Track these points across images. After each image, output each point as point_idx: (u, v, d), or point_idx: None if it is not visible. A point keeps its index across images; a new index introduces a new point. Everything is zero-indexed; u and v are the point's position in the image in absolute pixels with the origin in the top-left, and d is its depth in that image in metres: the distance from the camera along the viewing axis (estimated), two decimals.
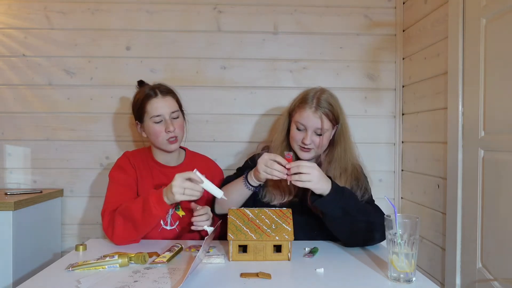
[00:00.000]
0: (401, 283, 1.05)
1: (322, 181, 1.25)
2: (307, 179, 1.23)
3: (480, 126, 1.40)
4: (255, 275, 1.08)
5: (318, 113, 1.40)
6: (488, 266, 1.35)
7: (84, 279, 1.04)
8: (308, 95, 1.44)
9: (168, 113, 1.47)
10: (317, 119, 1.40)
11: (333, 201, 1.26)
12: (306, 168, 1.23)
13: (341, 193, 1.28)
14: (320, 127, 1.40)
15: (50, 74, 1.98)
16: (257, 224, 1.23)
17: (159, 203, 1.27)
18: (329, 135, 1.45)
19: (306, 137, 1.41)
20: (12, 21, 1.96)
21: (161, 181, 1.54)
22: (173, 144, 1.49)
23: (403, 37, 2.02)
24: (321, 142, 1.42)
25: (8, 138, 1.97)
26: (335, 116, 1.43)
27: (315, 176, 1.23)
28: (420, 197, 1.84)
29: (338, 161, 1.45)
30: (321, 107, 1.40)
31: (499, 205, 1.30)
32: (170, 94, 1.51)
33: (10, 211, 1.59)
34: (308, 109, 1.40)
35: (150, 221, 1.31)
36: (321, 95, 1.43)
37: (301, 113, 1.42)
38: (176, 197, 1.23)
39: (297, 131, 1.44)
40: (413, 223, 1.04)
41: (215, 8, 2.00)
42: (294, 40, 2.02)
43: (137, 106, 1.51)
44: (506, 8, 1.27)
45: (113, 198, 1.45)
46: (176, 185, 1.22)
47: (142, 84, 1.57)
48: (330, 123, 1.42)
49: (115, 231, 1.34)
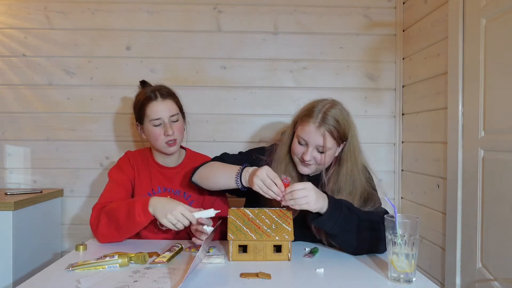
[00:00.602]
0: (401, 283, 1.05)
1: (319, 200, 1.19)
2: (304, 202, 1.18)
3: (480, 126, 1.40)
4: (255, 275, 1.08)
5: (321, 130, 1.29)
6: (488, 266, 1.35)
7: (84, 279, 1.04)
8: (315, 108, 1.33)
9: (167, 117, 1.47)
10: (319, 136, 1.30)
11: (331, 218, 1.20)
12: (301, 192, 1.17)
13: (339, 208, 1.21)
14: (322, 144, 1.30)
15: (50, 74, 1.98)
16: (257, 224, 1.23)
17: (144, 212, 1.27)
18: (332, 153, 1.35)
19: (306, 153, 1.32)
20: (12, 21, 1.96)
21: (160, 181, 1.55)
22: (172, 147, 1.49)
23: (403, 37, 2.02)
24: (323, 160, 1.33)
25: (8, 138, 1.97)
26: (340, 134, 1.32)
27: (312, 197, 1.18)
28: (420, 197, 1.84)
29: (344, 182, 1.35)
30: (326, 124, 1.29)
31: (499, 205, 1.30)
32: (170, 97, 1.50)
33: (10, 211, 1.59)
34: (312, 124, 1.30)
35: (132, 227, 1.31)
36: (329, 109, 1.31)
37: (303, 127, 1.32)
38: (163, 222, 1.25)
39: (298, 145, 1.35)
40: (413, 223, 1.04)
41: (215, 8, 2.00)
42: (294, 40, 2.02)
43: (138, 108, 1.51)
44: (506, 8, 1.27)
45: (106, 196, 1.46)
46: (172, 218, 1.24)
47: (144, 85, 1.56)
48: (334, 141, 1.31)
49: (99, 229, 1.36)
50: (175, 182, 1.55)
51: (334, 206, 1.21)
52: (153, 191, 1.54)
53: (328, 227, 1.22)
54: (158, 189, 1.54)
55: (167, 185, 1.55)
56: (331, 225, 1.21)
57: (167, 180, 1.56)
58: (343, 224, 1.21)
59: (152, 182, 1.54)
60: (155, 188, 1.54)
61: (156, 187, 1.54)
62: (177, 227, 1.26)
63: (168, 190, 1.54)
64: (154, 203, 1.28)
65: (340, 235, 1.25)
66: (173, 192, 1.54)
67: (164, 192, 1.54)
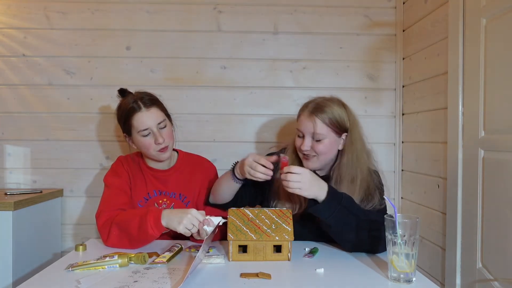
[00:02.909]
0: (401, 283, 1.05)
1: (313, 188, 1.21)
2: (296, 181, 1.19)
3: (480, 126, 1.40)
4: (255, 275, 1.08)
5: (312, 117, 1.34)
6: (488, 266, 1.35)
7: (84, 279, 1.04)
8: (311, 101, 1.39)
9: (155, 125, 1.43)
10: (310, 122, 1.34)
11: (327, 208, 1.21)
12: (296, 176, 1.19)
13: (337, 200, 1.23)
14: (313, 131, 1.33)
15: (50, 74, 1.98)
16: (257, 224, 1.23)
17: (156, 225, 1.26)
18: (329, 142, 1.35)
19: (303, 144, 1.35)
20: (12, 21, 1.96)
21: (154, 185, 1.55)
22: (164, 154, 1.48)
23: (403, 37, 2.02)
24: (320, 148, 1.34)
25: (8, 138, 1.97)
26: (333, 122, 1.34)
27: (305, 184, 1.20)
28: (420, 197, 1.83)
29: (345, 172, 1.36)
30: (317, 111, 1.34)
31: (499, 205, 1.30)
32: (154, 105, 1.45)
33: (10, 211, 1.59)
34: (305, 113, 1.36)
35: (144, 239, 1.30)
36: (324, 101, 1.37)
37: (298, 118, 1.39)
38: (180, 230, 1.24)
39: (298, 138, 1.40)
40: (413, 223, 1.04)
41: (215, 8, 2.00)
42: (294, 40, 2.02)
43: (123, 120, 1.47)
44: (506, 8, 1.27)
45: (108, 201, 1.45)
46: (187, 223, 1.23)
47: (123, 94, 1.50)
48: (327, 128, 1.33)
49: (110, 240, 1.34)
50: (169, 184, 1.55)
51: (333, 197, 1.23)
52: (149, 195, 1.53)
53: (323, 215, 1.23)
54: (154, 192, 1.54)
55: (162, 188, 1.54)
56: (327, 215, 1.22)
57: (162, 184, 1.55)
58: (339, 217, 1.22)
59: (147, 186, 1.54)
60: (151, 192, 1.54)
61: (151, 191, 1.54)
62: (192, 232, 1.25)
63: (164, 193, 1.54)
64: (166, 214, 1.26)
65: (335, 227, 1.25)
66: (168, 195, 1.54)
67: (160, 195, 1.54)
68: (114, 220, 1.35)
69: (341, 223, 1.24)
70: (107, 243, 1.35)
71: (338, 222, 1.23)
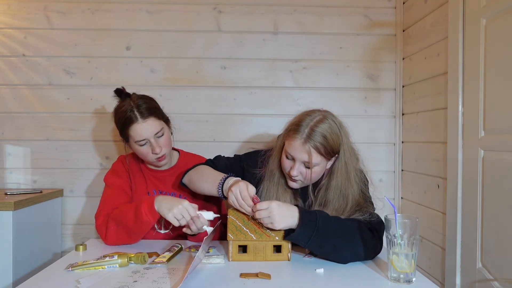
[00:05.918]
0: (401, 283, 1.05)
1: (284, 219, 1.18)
2: (268, 222, 1.18)
3: (480, 126, 1.40)
4: (255, 275, 1.08)
5: (307, 147, 1.24)
6: (488, 266, 1.35)
7: (84, 279, 1.04)
8: (303, 122, 1.26)
9: (152, 136, 1.42)
10: (304, 153, 1.24)
11: (303, 234, 1.17)
12: (263, 212, 1.18)
13: (312, 224, 1.17)
14: (307, 160, 1.25)
15: (50, 74, 1.98)
16: (257, 224, 1.23)
17: (150, 211, 1.28)
18: (320, 169, 1.29)
19: (293, 169, 1.28)
20: (12, 21, 1.96)
21: (155, 185, 1.55)
22: (162, 161, 1.48)
23: (403, 37, 2.02)
24: (310, 175, 1.28)
25: (8, 138, 1.97)
26: (328, 150, 1.26)
27: (275, 217, 1.17)
28: (420, 197, 1.83)
29: (333, 196, 1.31)
30: (312, 140, 1.23)
31: (499, 205, 1.30)
32: (151, 115, 1.42)
33: (10, 211, 1.58)
34: (298, 140, 1.25)
35: (142, 227, 1.31)
36: (317, 124, 1.25)
37: (290, 142, 1.27)
38: (168, 217, 1.24)
39: (286, 159, 1.31)
40: (413, 223, 1.04)
41: (215, 8, 2.00)
42: (294, 40, 2.02)
43: (119, 128, 1.46)
44: (506, 8, 1.27)
45: (108, 201, 1.45)
46: (177, 212, 1.23)
47: (120, 94, 1.46)
48: (321, 157, 1.26)
49: (108, 235, 1.35)
50: (169, 184, 1.55)
51: (306, 222, 1.18)
52: (149, 194, 1.54)
53: (302, 243, 1.19)
54: (154, 192, 1.54)
55: (162, 188, 1.55)
56: (305, 240, 1.18)
57: (162, 183, 1.55)
58: (319, 241, 1.17)
59: (147, 185, 1.55)
60: (151, 191, 1.54)
61: (151, 190, 1.54)
62: (180, 223, 1.25)
63: (164, 192, 1.54)
64: (159, 200, 1.28)
65: (318, 250, 1.22)
66: (168, 194, 1.54)
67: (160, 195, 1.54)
68: (111, 216, 1.36)
69: (323, 245, 1.19)
70: (106, 240, 1.36)
71: (320, 246, 1.19)
